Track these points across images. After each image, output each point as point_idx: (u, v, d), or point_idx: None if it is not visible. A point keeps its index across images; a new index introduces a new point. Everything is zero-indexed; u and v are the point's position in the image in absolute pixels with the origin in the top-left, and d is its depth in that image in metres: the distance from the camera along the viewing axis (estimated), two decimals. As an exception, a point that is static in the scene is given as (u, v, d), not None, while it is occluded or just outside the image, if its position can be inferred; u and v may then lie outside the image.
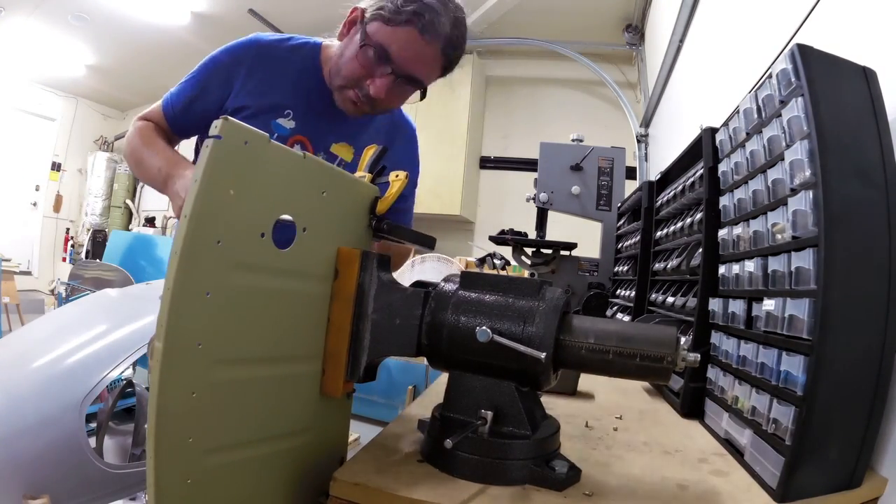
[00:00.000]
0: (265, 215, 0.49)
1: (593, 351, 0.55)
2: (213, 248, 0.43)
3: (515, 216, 2.82)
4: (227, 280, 0.45)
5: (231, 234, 0.45)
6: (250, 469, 0.51)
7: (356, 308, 0.59)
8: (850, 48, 0.76)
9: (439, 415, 0.61)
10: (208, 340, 0.44)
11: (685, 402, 0.85)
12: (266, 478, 0.54)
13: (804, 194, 0.57)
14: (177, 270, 0.40)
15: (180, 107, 0.99)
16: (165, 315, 0.40)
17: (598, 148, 1.82)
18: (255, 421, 0.52)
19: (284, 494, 0.57)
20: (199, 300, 0.43)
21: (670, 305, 1.04)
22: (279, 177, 0.50)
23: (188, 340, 0.43)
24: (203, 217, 0.42)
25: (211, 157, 0.42)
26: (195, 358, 0.43)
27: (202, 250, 0.42)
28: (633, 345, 0.54)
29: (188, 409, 0.43)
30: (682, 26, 2.33)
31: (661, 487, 0.57)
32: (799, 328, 0.56)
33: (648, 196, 1.31)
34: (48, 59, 5.15)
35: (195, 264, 0.42)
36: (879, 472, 0.61)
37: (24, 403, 1.64)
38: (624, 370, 0.55)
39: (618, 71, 4.10)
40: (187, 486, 0.44)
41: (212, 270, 0.44)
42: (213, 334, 0.45)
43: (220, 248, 0.44)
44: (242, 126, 0.45)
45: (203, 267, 0.43)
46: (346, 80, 0.92)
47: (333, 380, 0.60)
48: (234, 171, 0.44)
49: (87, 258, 5.59)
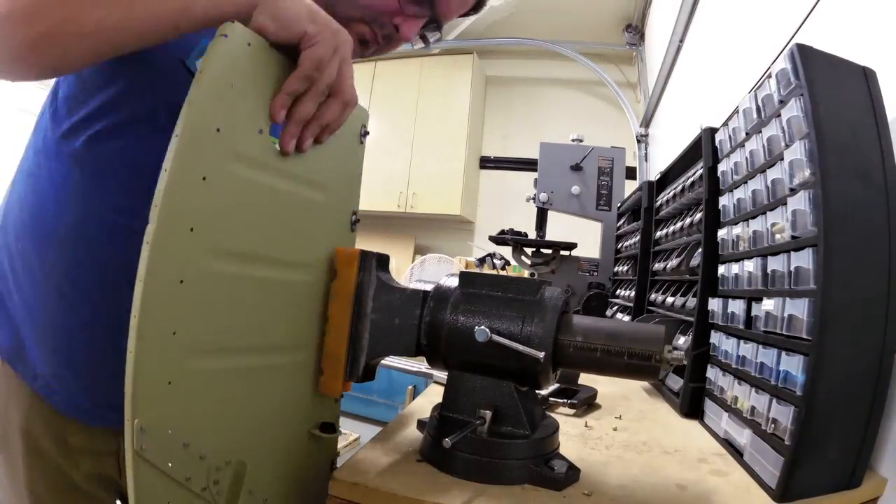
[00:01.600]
0: (264, 114, 0.49)
1: (582, 349, 0.56)
2: (214, 135, 0.43)
3: (515, 216, 2.83)
4: (225, 168, 0.45)
5: (231, 124, 0.45)
6: (235, 382, 0.49)
7: (355, 308, 0.59)
8: (850, 48, 0.76)
9: (438, 414, 0.61)
10: (202, 227, 0.43)
11: (685, 402, 0.85)
12: (253, 395, 0.52)
13: (804, 194, 0.57)
14: (174, 158, 0.40)
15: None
16: (161, 195, 0.39)
17: (598, 148, 1.82)
18: (245, 327, 0.49)
19: (271, 419, 0.55)
20: (198, 186, 0.42)
21: (670, 305, 1.04)
22: (279, 81, 0.50)
23: (182, 224, 0.41)
24: (205, 106, 0.42)
25: (216, 51, 0.43)
26: (188, 243, 0.42)
27: (204, 137, 0.43)
28: (620, 343, 0.54)
29: (175, 298, 0.41)
30: (682, 26, 2.33)
31: (661, 487, 0.57)
32: (798, 328, 0.56)
33: (648, 196, 1.32)
34: (48, 58, 5.14)
35: (196, 152, 0.42)
36: (879, 472, 0.61)
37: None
38: (613, 368, 0.55)
39: (618, 71, 4.10)
40: (167, 387, 0.42)
41: (211, 159, 0.44)
42: (209, 222, 0.43)
43: (220, 137, 0.44)
44: (246, 29, 0.46)
45: (203, 156, 0.43)
46: (365, 13, 0.70)
47: (332, 379, 0.60)
48: (237, 67, 0.45)
49: (87, 258, 5.59)
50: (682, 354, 0.53)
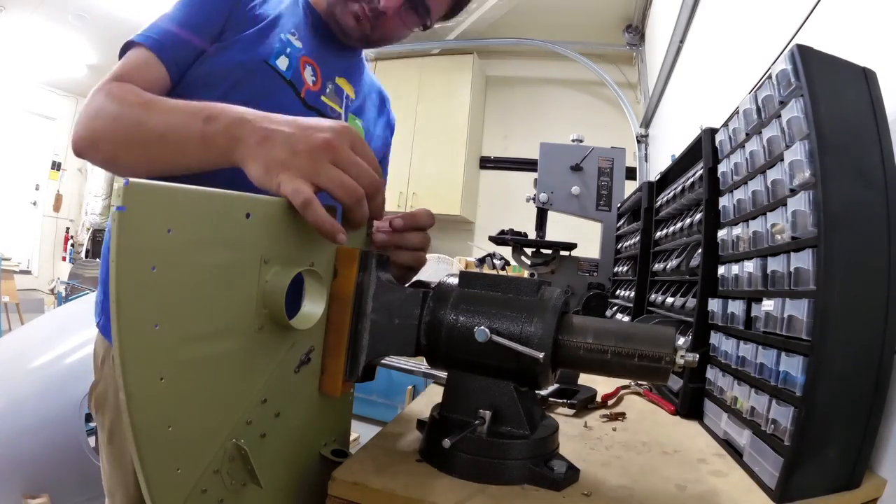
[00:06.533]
0: None
1: (592, 351, 0.55)
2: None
3: (515, 216, 2.83)
4: None
5: None
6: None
7: (355, 308, 0.59)
8: (850, 48, 0.76)
9: (438, 415, 0.61)
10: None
11: (684, 402, 0.85)
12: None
13: (803, 195, 0.57)
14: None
15: (174, 33, 0.75)
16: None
17: (598, 148, 1.82)
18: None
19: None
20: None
21: (670, 306, 1.04)
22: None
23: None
24: None
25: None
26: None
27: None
28: (631, 345, 0.54)
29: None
30: (682, 27, 2.34)
31: (660, 488, 0.57)
32: (798, 329, 0.56)
33: (648, 196, 1.31)
34: (49, 58, 5.15)
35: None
36: (879, 472, 0.61)
37: (24, 403, 1.65)
38: (622, 370, 0.55)
39: (618, 71, 4.10)
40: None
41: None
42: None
43: None
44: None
45: None
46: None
47: (332, 379, 0.60)
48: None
49: (86, 257, 5.59)
50: (694, 357, 0.53)
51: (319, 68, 0.90)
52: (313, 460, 0.62)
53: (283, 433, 0.56)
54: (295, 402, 0.57)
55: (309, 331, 0.55)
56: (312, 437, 0.62)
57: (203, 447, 0.46)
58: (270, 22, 0.83)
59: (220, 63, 0.78)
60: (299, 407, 0.58)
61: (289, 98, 0.85)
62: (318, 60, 0.90)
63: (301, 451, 0.60)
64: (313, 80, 0.89)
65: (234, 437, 0.49)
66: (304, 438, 0.60)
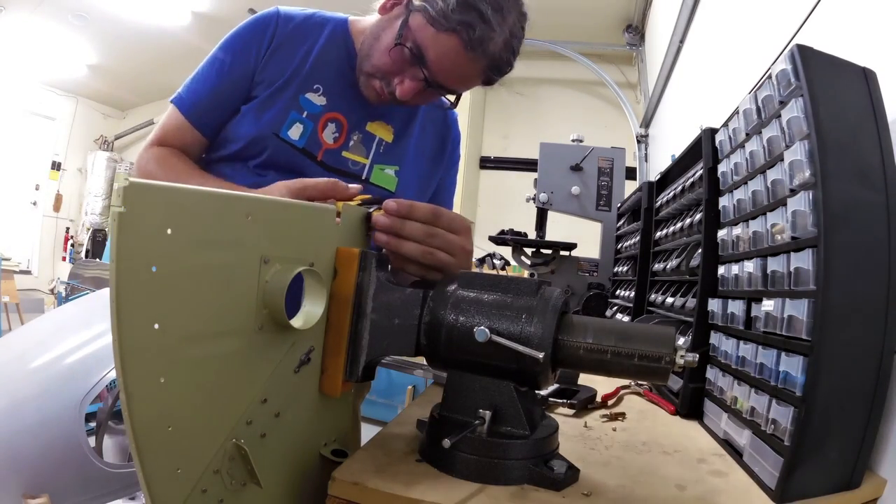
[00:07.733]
0: None
1: (591, 351, 0.55)
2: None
3: (515, 216, 2.83)
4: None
5: None
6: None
7: (355, 308, 0.59)
8: (850, 48, 0.76)
9: (438, 414, 0.61)
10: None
11: (684, 402, 0.85)
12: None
13: (803, 195, 0.57)
14: None
15: (206, 101, 0.88)
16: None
17: (598, 148, 1.82)
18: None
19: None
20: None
21: (670, 306, 1.04)
22: None
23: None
24: None
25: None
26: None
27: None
28: (631, 344, 0.54)
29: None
30: (682, 27, 2.34)
31: (660, 488, 0.57)
32: (798, 329, 0.56)
33: (648, 196, 1.31)
34: (48, 58, 5.15)
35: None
36: (879, 472, 0.61)
37: (24, 403, 1.65)
38: (622, 370, 0.55)
39: (618, 71, 4.10)
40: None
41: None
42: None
43: None
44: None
45: None
46: (375, 70, 0.85)
47: (332, 379, 0.60)
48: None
49: (86, 257, 5.59)
50: (694, 357, 0.53)
51: (346, 119, 0.91)
52: (313, 460, 0.62)
53: (283, 433, 0.56)
54: (295, 402, 0.57)
55: (309, 331, 0.55)
56: (312, 437, 0.62)
57: (203, 447, 0.46)
58: (288, 79, 0.88)
59: (238, 133, 0.89)
60: (299, 407, 0.58)
61: (305, 164, 0.90)
62: (346, 111, 0.91)
63: (301, 451, 0.60)
64: (335, 138, 0.92)
65: (234, 436, 0.49)
66: (304, 438, 0.60)
